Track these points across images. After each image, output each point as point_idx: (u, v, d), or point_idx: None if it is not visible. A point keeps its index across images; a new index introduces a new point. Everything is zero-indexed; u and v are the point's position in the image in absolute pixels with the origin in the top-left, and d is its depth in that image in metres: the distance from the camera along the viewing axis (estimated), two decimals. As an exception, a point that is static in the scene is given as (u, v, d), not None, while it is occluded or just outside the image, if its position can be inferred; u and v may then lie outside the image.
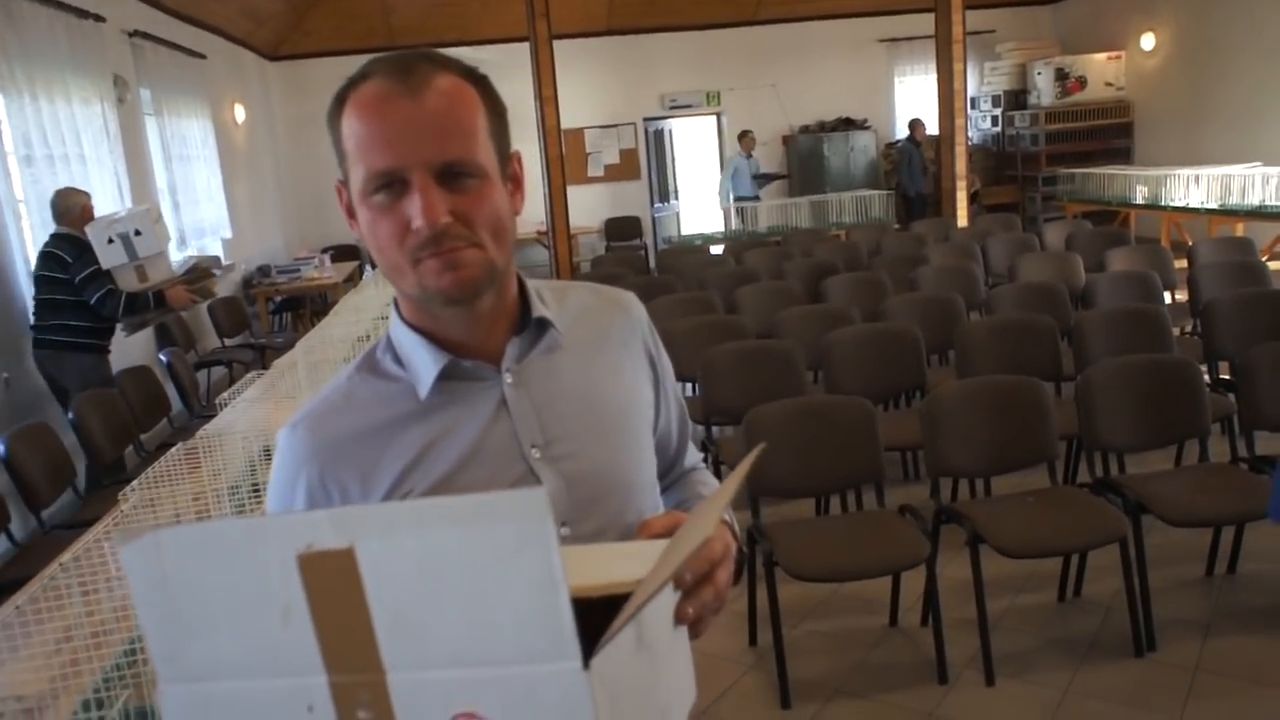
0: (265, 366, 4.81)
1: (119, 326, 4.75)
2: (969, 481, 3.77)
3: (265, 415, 2.95)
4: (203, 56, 7.78)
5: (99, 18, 5.67)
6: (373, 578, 0.58)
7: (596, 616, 0.61)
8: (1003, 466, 3.16)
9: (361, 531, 0.58)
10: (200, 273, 5.21)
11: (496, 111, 0.93)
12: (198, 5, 7.66)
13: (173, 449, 2.38)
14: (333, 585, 0.59)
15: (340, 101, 0.89)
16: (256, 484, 2.37)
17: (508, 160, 0.94)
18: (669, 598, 0.76)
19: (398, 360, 0.98)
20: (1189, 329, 4.98)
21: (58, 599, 1.60)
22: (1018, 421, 3.09)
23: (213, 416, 3.03)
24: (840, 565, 2.77)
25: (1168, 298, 5.17)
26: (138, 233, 4.56)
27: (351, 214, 0.92)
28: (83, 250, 4.46)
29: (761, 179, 10.23)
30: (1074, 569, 3.18)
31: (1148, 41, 10.04)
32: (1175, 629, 2.93)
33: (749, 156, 10.17)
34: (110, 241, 4.51)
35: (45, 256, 4.49)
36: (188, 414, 5.17)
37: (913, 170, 9.90)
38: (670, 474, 1.16)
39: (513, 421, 0.95)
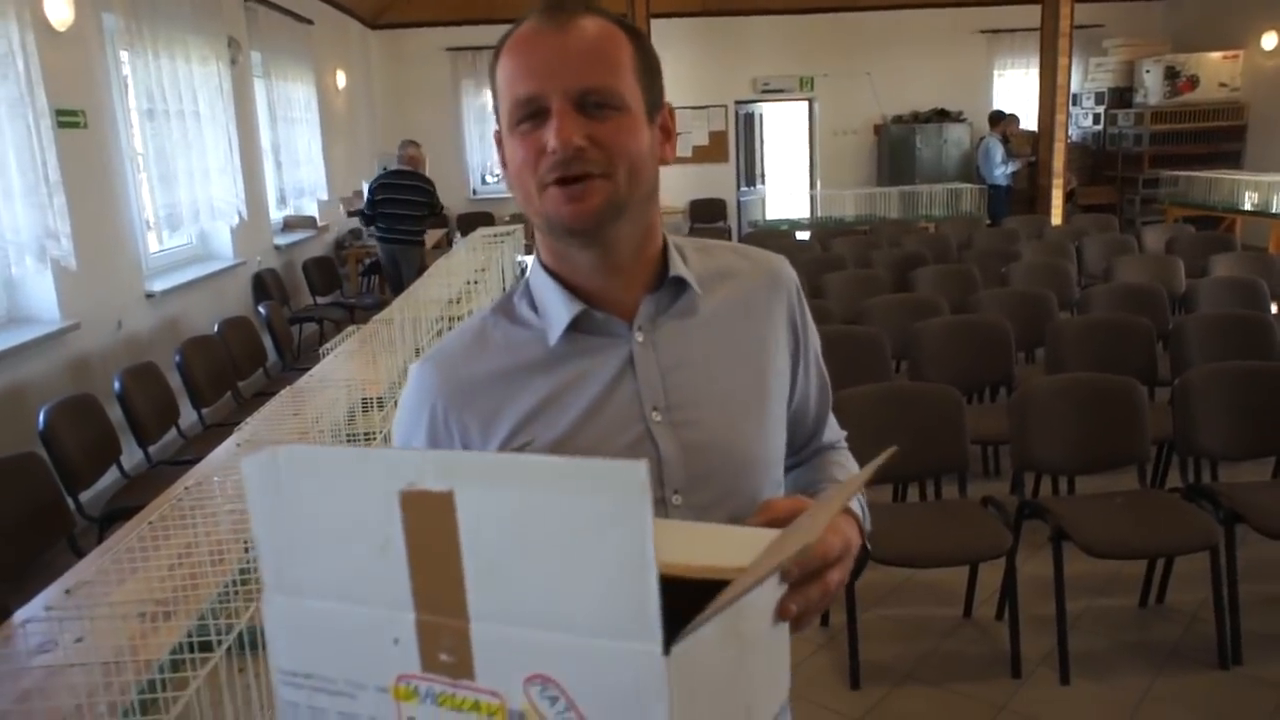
0: (355, 324, 4.98)
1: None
2: (1051, 480, 3.72)
3: (363, 366, 3.07)
4: (310, 22, 7.99)
5: (218, -20, 5.88)
6: (468, 525, 0.58)
7: (690, 599, 0.60)
8: (1091, 465, 3.10)
9: (463, 477, 0.58)
10: None
11: (647, 60, 0.93)
12: (308, -28, 7.87)
13: (281, 392, 2.50)
14: (430, 526, 0.59)
15: (498, 52, 0.91)
16: (354, 433, 2.47)
17: (658, 109, 0.94)
18: (772, 591, 0.73)
19: (533, 306, 0.98)
20: (1295, 341, 4.79)
21: (181, 519, 1.70)
22: (1109, 421, 3.03)
23: (305, 370, 3.15)
24: (919, 551, 2.77)
25: (1274, 307, 4.98)
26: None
27: (503, 158, 0.93)
28: (430, 184, 6.96)
29: (1016, 169, 9.57)
30: (1158, 575, 3.12)
31: (1269, 41, 9.61)
32: (1265, 644, 2.85)
33: (1005, 140, 9.61)
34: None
35: (411, 188, 6.85)
36: (281, 365, 5.36)
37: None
38: (806, 448, 1.14)
39: (637, 382, 0.94)
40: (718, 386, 0.97)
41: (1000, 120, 9.79)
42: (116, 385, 3.62)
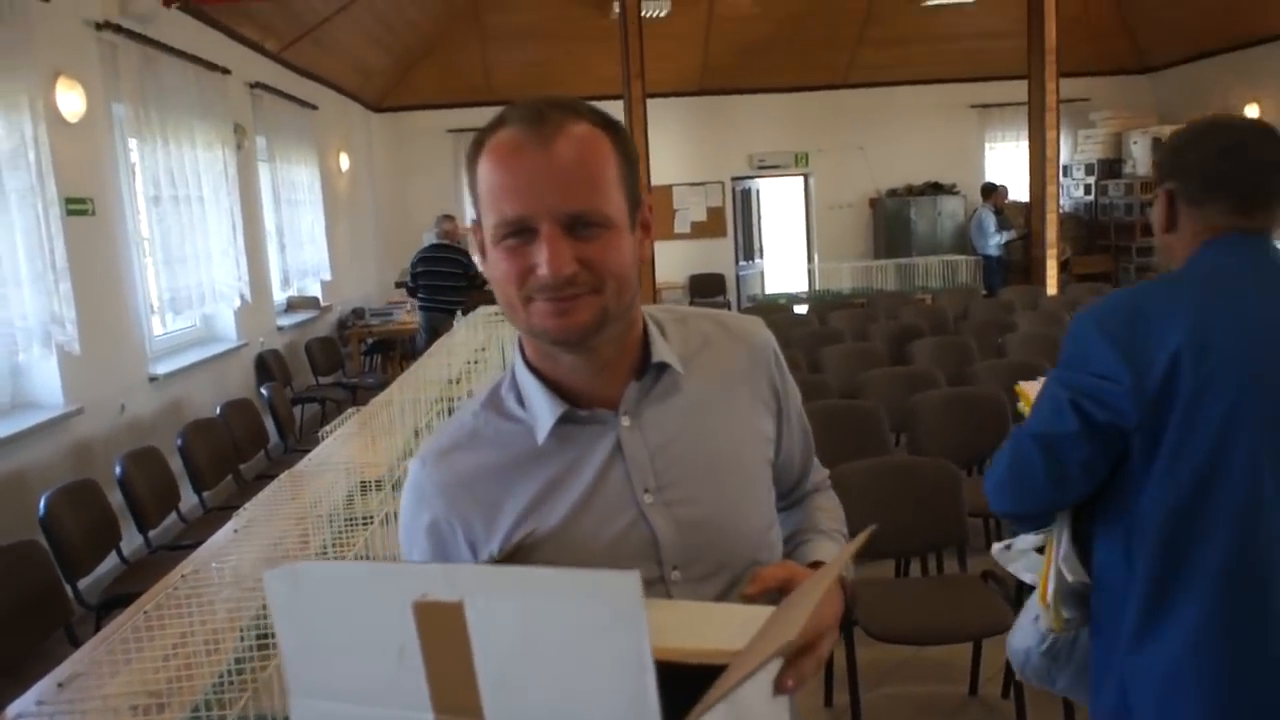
0: (356, 405, 5.01)
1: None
2: (1055, 552, 3.69)
3: (362, 449, 3.08)
4: (314, 107, 8.20)
5: (225, 70, 6.06)
6: (478, 631, 0.63)
7: (690, 682, 0.64)
8: (1091, 538, 3.09)
9: (471, 589, 0.63)
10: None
11: (628, 159, 0.94)
12: (312, 59, 8.10)
13: (280, 476, 2.51)
14: (443, 633, 0.63)
15: (478, 146, 0.92)
16: (352, 516, 2.48)
17: (638, 207, 0.96)
18: (770, 664, 0.77)
19: (519, 399, 1.00)
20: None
21: (176, 607, 1.71)
22: (1108, 492, 3.02)
23: (306, 451, 3.17)
24: (921, 628, 2.74)
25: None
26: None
27: (483, 252, 0.95)
28: (465, 255, 7.35)
29: (1009, 240, 9.71)
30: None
31: (1251, 112, 9.83)
32: None
33: (997, 212, 9.80)
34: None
35: (446, 260, 7.34)
36: (283, 447, 5.37)
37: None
38: (793, 494, 1.18)
39: (626, 466, 0.97)
40: (706, 461, 0.99)
41: (993, 192, 9.97)
42: (118, 470, 3.64)
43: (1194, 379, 1.35)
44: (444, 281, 7.31)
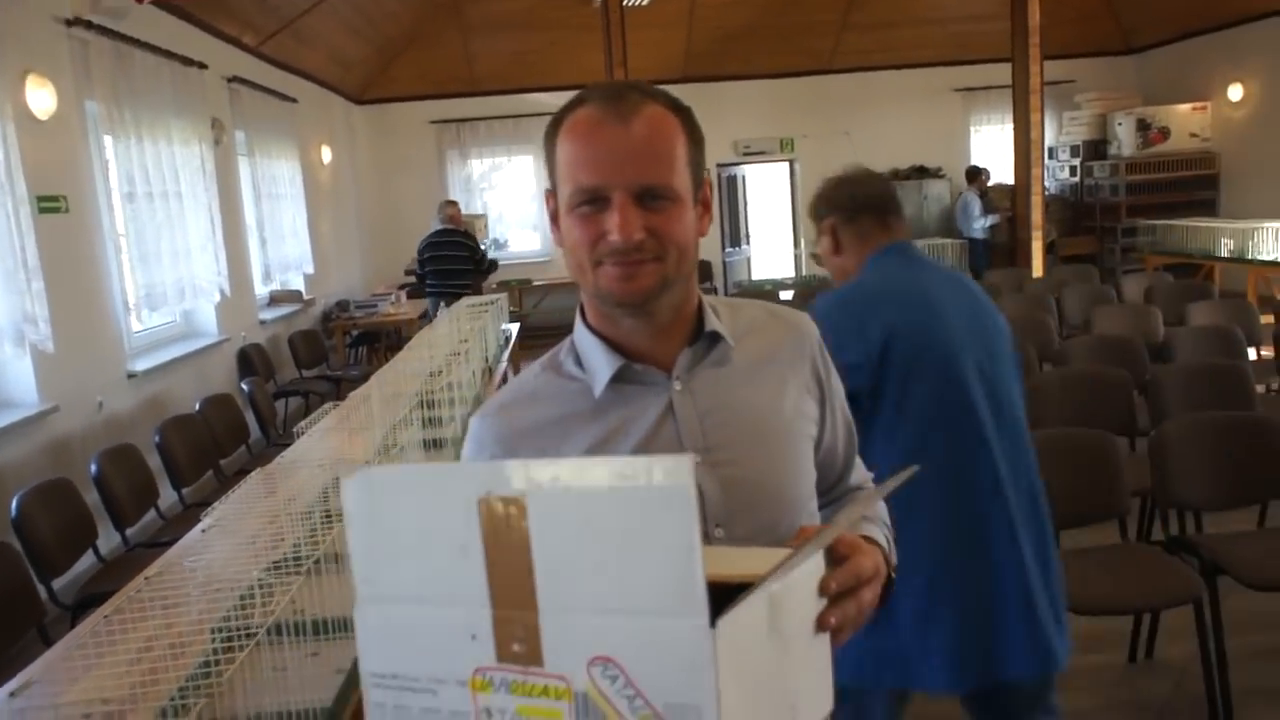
0: (340, 398, 4.96)
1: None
2: (1038, 536, 3.69)
3: (338, 445, 3.05)
4: (294, 100, 8.12)
5: (202, 65, 5.99)
6: (537, 524, 0.64)
7: (733, 600, 0.65)
8: (1071, 521, 3.08)
9: (533, 481, 0.65)
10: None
11: (695, 140, 1.03)
12: (292, 53, 8.02)
13: (252, 474, 2.48)
14: (503, 528, 0.65)
15: (557, 123, 1.00)
16: (328, 510, 2.45)
17: (701, 185, 1.04)
18: (811, 600, 0.79)
19: (578, 362, 1.07)
20: (1276, 386, 4.81)
21: (141, 611, 1.68)
22: (1088, 475, 3.02)
23: (289, 444, 3.13)
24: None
25: (1253, 354, 5.01)
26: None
27: (555, 221, 1.03)
28: (471, 239, 7.62)
29: (994, 223, 9.81)
30: (1145, 630, 3.09)
31: (1235, 92, 9.83)
32: (1255, 699, 2.81)
33: (982, 195, 9.88)
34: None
35: (453, 244, 7.43)
36: (265, 441, 5.34)
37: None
38: (835, 490, 1.21)
39: (677, 425, 1.02)
40: (751, 429, 1.05)
41: (977, 176, 9.97)
42: (93, 468, 3.60)
43: (907, 350, 1.75)
44: (452, 265, 7.37)
